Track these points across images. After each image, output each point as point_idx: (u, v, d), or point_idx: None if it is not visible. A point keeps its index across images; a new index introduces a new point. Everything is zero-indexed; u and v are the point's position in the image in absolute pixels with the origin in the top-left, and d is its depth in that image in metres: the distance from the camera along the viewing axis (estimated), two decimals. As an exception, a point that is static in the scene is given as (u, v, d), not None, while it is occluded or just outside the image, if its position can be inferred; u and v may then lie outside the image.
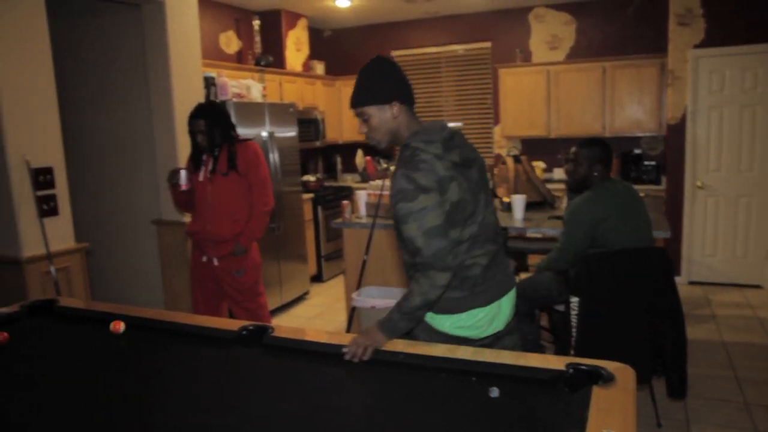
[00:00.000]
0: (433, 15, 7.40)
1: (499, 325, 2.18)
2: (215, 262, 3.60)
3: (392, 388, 1.73)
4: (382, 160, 7.79)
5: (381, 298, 4.01)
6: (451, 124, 2.15)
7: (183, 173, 3.50)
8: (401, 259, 2.22)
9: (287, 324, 5.18)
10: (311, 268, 6.36)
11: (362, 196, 4.57)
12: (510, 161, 4.59)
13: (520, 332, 3.56)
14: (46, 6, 3.63)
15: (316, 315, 5.54)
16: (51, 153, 3.66)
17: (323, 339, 2.06)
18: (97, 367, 2.00)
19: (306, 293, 6.10)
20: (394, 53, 7.80)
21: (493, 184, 4.74)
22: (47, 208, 3.60)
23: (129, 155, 4.96)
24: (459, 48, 7.52)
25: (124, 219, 5.10)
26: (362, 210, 4.57)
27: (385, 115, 2.02)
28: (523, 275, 4.30)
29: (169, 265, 4.85)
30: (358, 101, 2.04)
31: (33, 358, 2.11)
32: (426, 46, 7.65)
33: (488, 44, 7.33)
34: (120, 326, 2.30)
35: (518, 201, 4.19)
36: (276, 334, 2.12)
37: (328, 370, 1.87)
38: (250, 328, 2.18)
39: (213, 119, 3.47)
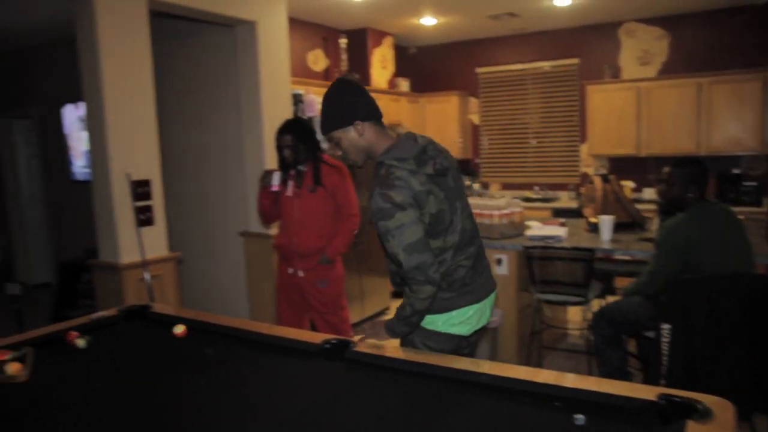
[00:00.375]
0: (519, 32, 7.33)
1: (483, 321, 2.32)
2: (300, 274, 3.62)
3: (474, 411, 1.70)
4: (464, 177, 7.75)
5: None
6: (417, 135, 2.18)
7: (276, 174, 3.55)
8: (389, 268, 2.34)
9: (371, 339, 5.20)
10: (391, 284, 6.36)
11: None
12: (598, 180, 4.45)
13: (606, 358, 3.46)
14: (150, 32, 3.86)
15: None
16: (149, 166, 3.87)
17: (405, 356, 2.05)
18: (183, 372, 2.07)
19: (386, 309, 6.12)
20: (480, 70, 7.77)
21: (580, 204, 4.61)
22: (144, 218, 3.80)
23: (219, 169, 5.16)
24: (545, 65, 7.40)
25: (213, 230, 5.30)
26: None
27: (351, 136, 2.10)
28: (610, 298, 4.15)
29: (254, 276, 4.99)
30: (323, 128, 2.14)
31: (124, 360, 2.22)
32: (511, 63, 7.58)
33: (576, 61, 7.17)
34: (182, 331, 2.42)
35: (606, 222, 4.05)
36: (358, 348, 2.13)
37: (410, 388, 1.86)
38: (333, 341, 2.20)
39: (300, 135, 3.50)
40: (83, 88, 3.72)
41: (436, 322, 2.20)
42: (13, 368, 2.03)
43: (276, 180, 3.55)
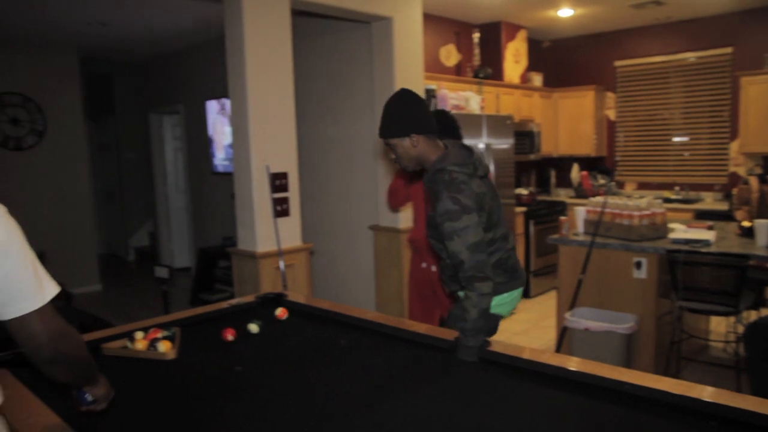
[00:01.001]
0: (664, 21, 6.89)
1: (516, 304, 2.65)
2: (433, 268, 3.61)
3: (609, 418, 1.61)
4: (598, 176, 7.42)
5: (595, 320, 3.80)
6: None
7: None
8: (444, 264, 2.58)
9: (494, 338, 5.12)
10: (518, 282, 6.22)
11: (580, 213, 4.38)
12: (754, 181, 4.09)
13: (761, 376, 3.17)
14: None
15: (523, 331, 5.42)
16: (287, 160, 4.02)
17: (542, 359, 1.99)
18: (318, 359, 2.13)
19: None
20: (618, 63, 7.39)
21: (730, 206, 4.25)
22: (281, 209, 3.96)
23: (351, 163, 5.27)
24: (691, 56, 6.90)
25: (344, 223, 5.43)
26: (580, 227, 4.38)
27: (406, 145, 2.31)
28: (765, 311, 3.81)
29: (382, 269, 5.06)
30: (381, 134, 2.34)
31: (261, 345, 2.32)
32: (653, 54, 7.14)
33: (729, 50, 6.62)
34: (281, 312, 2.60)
35: (763, 226, 3.72)
36: (492, 348, 2.09)
37: (547, 391, 1.80)
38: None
39: (442, 127, 3.37)
40: (229, 86, 3.92)
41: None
42: (164, 346, 2.19)
43: None
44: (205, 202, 7.60)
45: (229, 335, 2.36)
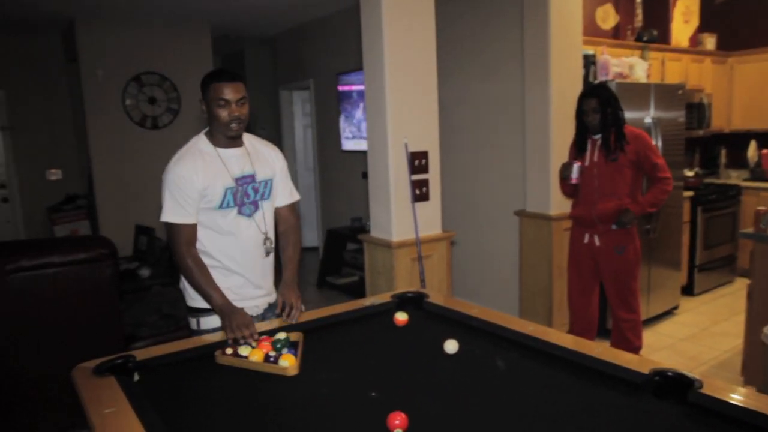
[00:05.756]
0: None
1: None
2: (597, 242, 3.66)
3: None
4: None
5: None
6: None
7: (576, 167, 3.55)
8: None
9: (653, 341, 4.50)
10: (682, 277, 5.49)
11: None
12: None
13: None
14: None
15: (688, 337, 4.72)
16: (427, 138, 3.64)
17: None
18: (467, 386, 1.72)
19: (675, 308, 5.28)
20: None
21: None
22: (419, 193, 3.58)
23: (496, 144, 4.87)
24: None
25: (486, 208, 5.04)
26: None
27: None
28: None
29: (528, 261, 4.60)
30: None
31: (397, 356, 1.96)
32: None
33: None
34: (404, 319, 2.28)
35: None
36: (706, 390, 1.58)
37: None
38: (669, 374, 1.67)
39: (606, 99, 3.48)
40: (364, 57, 3.59)
41: None
42: (287, 360, 1.87)
43: (575, 173, 3.56)
44: (333, 181, 7.42)
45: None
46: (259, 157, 2.43)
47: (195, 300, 2.40)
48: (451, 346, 1.99)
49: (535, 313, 4.51)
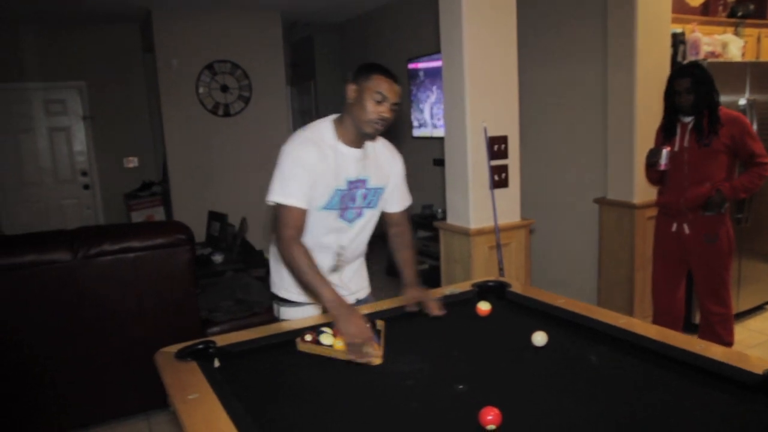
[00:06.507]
0: None
1: None
2: (686, 230, 3.49)
3: None
4: None
5: None
6: None
7: (665, 153, 3.39)
8: None
9: (744, 338, 4.23)
10: (774, 271, 5.16)
11: None
12: None
13: None
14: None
15: (760, 343, 4.40)
16: (507, 122, 3.51)
17: None
18: (563, 381, 1.61)
19: (766, 303, 4.97)
20: None
21: None
22: (498, 179, 3.46)
23: (576, 126, 4.70)
24: None
25: (562, 195, 4.88)
26: None
27: None
28: None
29: (608, 250, 4.42)
30: None
31: (484, 350, 1.86)
32: None
33: None
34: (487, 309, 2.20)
35: None
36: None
37: None
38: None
39: (700, 79, 3.29)
40: (442, 41, 3.48)
41: None
42: (372, 349, 1.80)
43: (664, 159, 3.41)
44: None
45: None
46: (378, 162, 2.27)
47: (279, 288, 2.36)
48: (539, 338, 1.89)
49: (614, 305, 4.32)
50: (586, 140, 4.63)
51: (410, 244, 2.44)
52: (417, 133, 6.70)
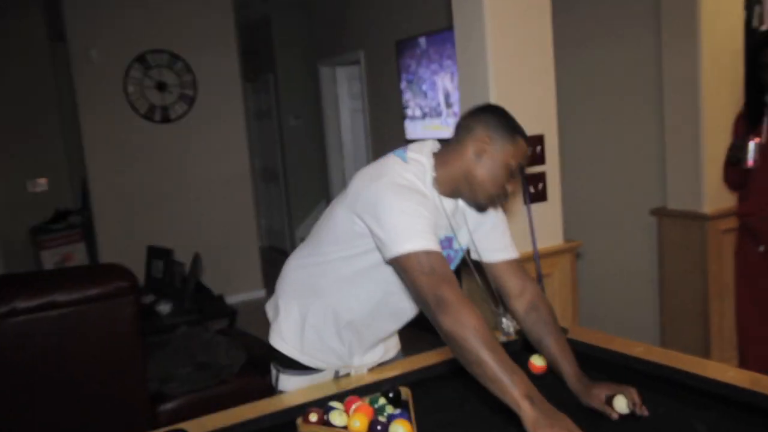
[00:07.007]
0: None
1: None
2: None
3: None
4: None
5: None
6: None
7: (752, 145, 3.43)
8: None
9: None
10: None
11: None
12: None
13: None
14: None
15: None
16: (543, 117, 3.51)
17: None
18: None
19: None
20: None
21: None
22: (534, 191, 3.41)
23: (623, 120, 4.80)
24: None
25: (610, 206, 4.96)
26: None
27: None
28: None
29: (671, 270, 4.45)
30: None
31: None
32: None
33: None
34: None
35: None
36: None
37: None
38: None
39: None
40: (455, 17, 3.48)
41: None
42: (403, 427, 1.70)
43: (752, 153, 3.46)
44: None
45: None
46: (465, 215, 2.17)
47: (292, 346, 2.19)
48: (622, 403, 1.81)
49: (682, 345, 4.31)
50: (637, 135, 4.70)
51: (556, 323, 2.19)
52: (412, 133, 6.72)
